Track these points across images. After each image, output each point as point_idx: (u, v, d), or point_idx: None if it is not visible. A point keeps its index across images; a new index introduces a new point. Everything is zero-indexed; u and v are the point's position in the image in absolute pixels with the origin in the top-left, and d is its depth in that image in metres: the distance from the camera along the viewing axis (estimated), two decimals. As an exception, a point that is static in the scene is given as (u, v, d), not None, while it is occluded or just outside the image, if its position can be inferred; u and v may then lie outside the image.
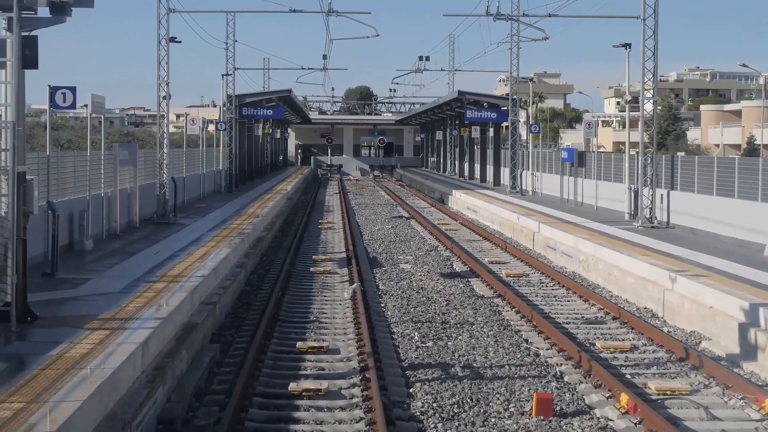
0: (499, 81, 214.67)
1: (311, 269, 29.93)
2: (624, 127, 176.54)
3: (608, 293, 26.41)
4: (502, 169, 66.81)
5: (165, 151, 35.42)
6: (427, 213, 54.57)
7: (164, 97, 36.09)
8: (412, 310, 23.21)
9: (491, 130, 70.40)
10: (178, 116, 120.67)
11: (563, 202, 48.79)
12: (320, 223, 46.52)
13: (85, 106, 27.04)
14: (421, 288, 26.79)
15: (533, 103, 71.80)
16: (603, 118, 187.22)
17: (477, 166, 76.67)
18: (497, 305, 24.16)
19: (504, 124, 67.23)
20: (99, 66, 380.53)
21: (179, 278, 20.85)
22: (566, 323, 22.00)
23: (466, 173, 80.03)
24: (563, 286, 27.33)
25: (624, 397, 15.14)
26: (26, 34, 15.28)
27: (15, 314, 15.00)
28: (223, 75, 58.34)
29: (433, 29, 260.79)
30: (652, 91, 36.22)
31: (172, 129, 55.88)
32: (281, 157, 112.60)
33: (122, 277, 20.73)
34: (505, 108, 63.30)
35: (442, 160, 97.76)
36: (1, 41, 15.13)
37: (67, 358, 13.07)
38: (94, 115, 27.63)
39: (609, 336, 20.67)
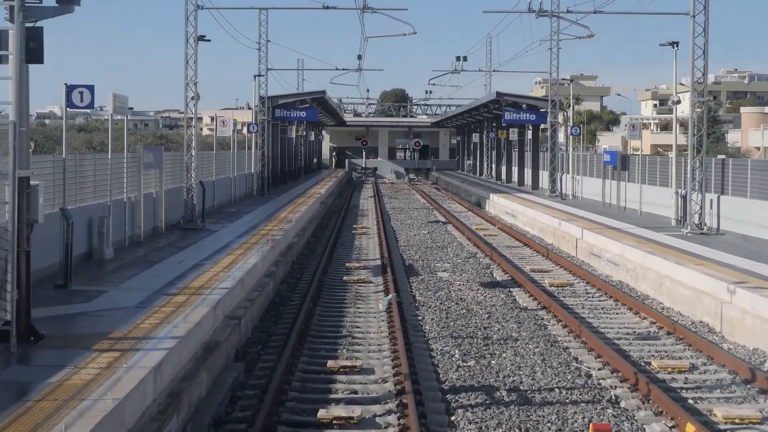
0: (536, 83, 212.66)
1: (344, 278, 28.49)
2: (662, 129, 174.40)
3: (659, 305, 24.80)
4: (540, 172, 65.16)
5: (193, 153, 34.03)
6: (464, 217, 53.02)
7: (192, 98, 34.76)
8: (451, 323, 21.68)
9: (529, 132, 68.83)
10: (212, 119, 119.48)
11: (605, 206, 47.13)
12: (354, 228, 45.10)
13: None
14: (461, 299, 25.29)
15: (570, 105, 70.04)
16: (641, 121, 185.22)
17: (514, 170, 75.06)
18: (542, 318, 22.61)
19: (542, 126, 65.53)
20: (136, 67, 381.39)
21: (202, 290, 19.45)
22: (617, 339, 20.44)
23: (503, 176, 78.37)
24: (611, 297, 25.75)
25: (690, 428, 13.58)
26: (30, 24, 13.92)
27: (16, 334, 13.61)
28: (255, 76, 57.01)
29: (472, 27, 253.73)
30: (693, 93, 34.45)
31: (207, 132, 54.81)
32: (315, 160, 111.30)
33: (140, 290, 19.34)
34: (544, 110, 61.69)
35: (478, 163, 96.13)
36: (3, 32, 13.76)
37: (68, 387, 11.67)
38: (118, 116, 26.25)
39: (665, 354, 19.09)
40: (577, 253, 34.95)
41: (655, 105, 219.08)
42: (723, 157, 63.97)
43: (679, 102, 37.29)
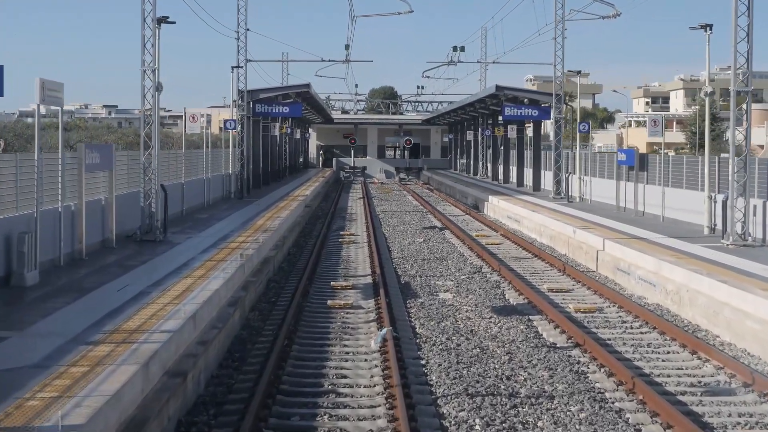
0: (527, 81, 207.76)
1: (328, 302, 23.69)
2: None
3: (717, 340, 20.06)
4: (542, 172, 60.42)
5: (153, 153, 29.07)
6: (461, 222, 48.27)
7: (152, 89, 29.78)
8: (464, 372, 16.85)
9: (529, 129, 64.14)
10: (194, 117, 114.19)
11: (619, 211, 42.41)
12: (341, 236, 40.32)
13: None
14: (471, 331, 20.53)
15: (577, 99, 65.10)
16: (634, 119, 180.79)
17: (513, 169, 70.33)
18: (578, 361, 17.85)
19: (543, 122, 60.89)
20: (122, 66, 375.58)
21: (137, 335, 14.65)
22: (681, 393, 15.70)
23: (500, 176, 73.56)
24: (654, 327, 21.01)
25: None
26: None
27: None
28: (233, 67, 51.99)
29: (471, 15, 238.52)
30: (734, 81, 29.65)
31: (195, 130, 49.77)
32: (301, 159, 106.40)
33: (53, 335, 14.51)
34: (547, 105, 56.99)
35: (472, 162, 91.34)
36: None
37: None
38: (50, 107, 21.40)
39: (751, 419, 14.33)
40: (598, 268, 30.23)
41: (647, 102, 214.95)
42: (726, 155, 59.24)
43: (713, 93, 32.53)
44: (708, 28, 32.29)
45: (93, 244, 24.90)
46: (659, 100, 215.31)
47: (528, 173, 64.18)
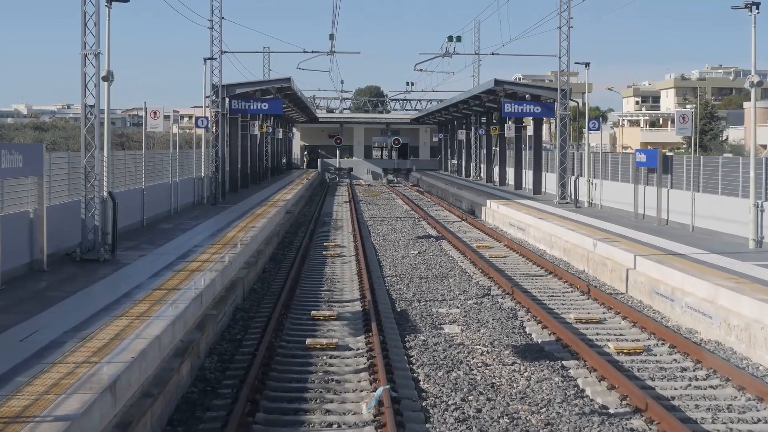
0: (515, 80, 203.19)
1: (307, 341, 18.88)
2: (651, 126, 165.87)
3: (816, 399, 15.33)
4: (543, 174, 55.65)
5: (96, 155, 24.00)
6: (458, 230, 43.50)
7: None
8: (494, 461, 12.11)
9: (527, 128, 59.33)
10: (156, 113, 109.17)
11: (638, 218, 37.73)
12: (326, 248, 35.52)
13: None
14: (492, 386, 15.76)
15: (585, 95, 59.94)
16: (628, 118, 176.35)
17: (510, 171, 65.55)
18: (645, 438, 13.12)
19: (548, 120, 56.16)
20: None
21: (14, 427, 9.84)
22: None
23: (496, 178, 68.76)
24: (726, 378, 16.29)
25: None
26: None
27: None
28: (206, 59, 46.97)
29: (464, 5, 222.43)
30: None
31: (175, 130, 44.92)
32: (284, 160, 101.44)
33: None
34: (550, 100, 52.31)
35: (464, 163, 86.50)
36: None
37: None
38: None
39: None
40: (628, 290, 25.50)
41: (637, 102, 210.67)
42: (730, 155, 55.05)
43: (760, 84, 27.81)
44: (754, 7, 27.57)
45: (15, 268, 20.05)
46: (649, 100, 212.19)
47: (527, 175, 59.44)
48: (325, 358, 17.79)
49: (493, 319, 21.58)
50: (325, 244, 36.84)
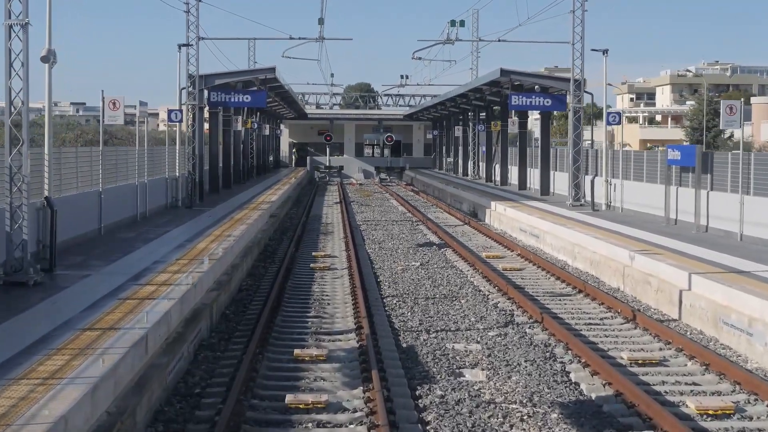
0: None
1: (287, 399, 14.17)
2: (650, 123, 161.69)
3: None
4: (552, 173, 51.00)
5: (24, 152, 19.14)
6: (462, 235, 38.87)
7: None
8: None
9: (531, 122, 54.63)
10: (115, 104, 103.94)
11: (669, 224, 33.12)
12: (314, 259, 30.88)
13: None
14: (546, 478, 11.10)
15: (604, 85, 55.11)
16: (627, 114, 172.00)
17: (513, 169, 60.91)
18: None
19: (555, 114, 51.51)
20: (97, 60, 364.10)
21: None
22: None
23: (497, 177, 64.06)
24: None
25: None
26: None
27: None
28: (180, 45, 42.15)
29: None
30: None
31: (163, 128, 40.28)
32: (272, 158, 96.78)
33: None
34: (561, 92, 47.71)
35: (461, 161, 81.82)
36: None
37: None
38: None
39: None
40: (682, 316, 20.87)
41: (631, 99, 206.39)
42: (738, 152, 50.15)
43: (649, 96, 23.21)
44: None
45: None
46: (644, 96, 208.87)
47: (533, 174, 54.82)
48: (309, 426, 13.12)
49: (525, 360, 16.93)
50: (313, 254, 32.15)
